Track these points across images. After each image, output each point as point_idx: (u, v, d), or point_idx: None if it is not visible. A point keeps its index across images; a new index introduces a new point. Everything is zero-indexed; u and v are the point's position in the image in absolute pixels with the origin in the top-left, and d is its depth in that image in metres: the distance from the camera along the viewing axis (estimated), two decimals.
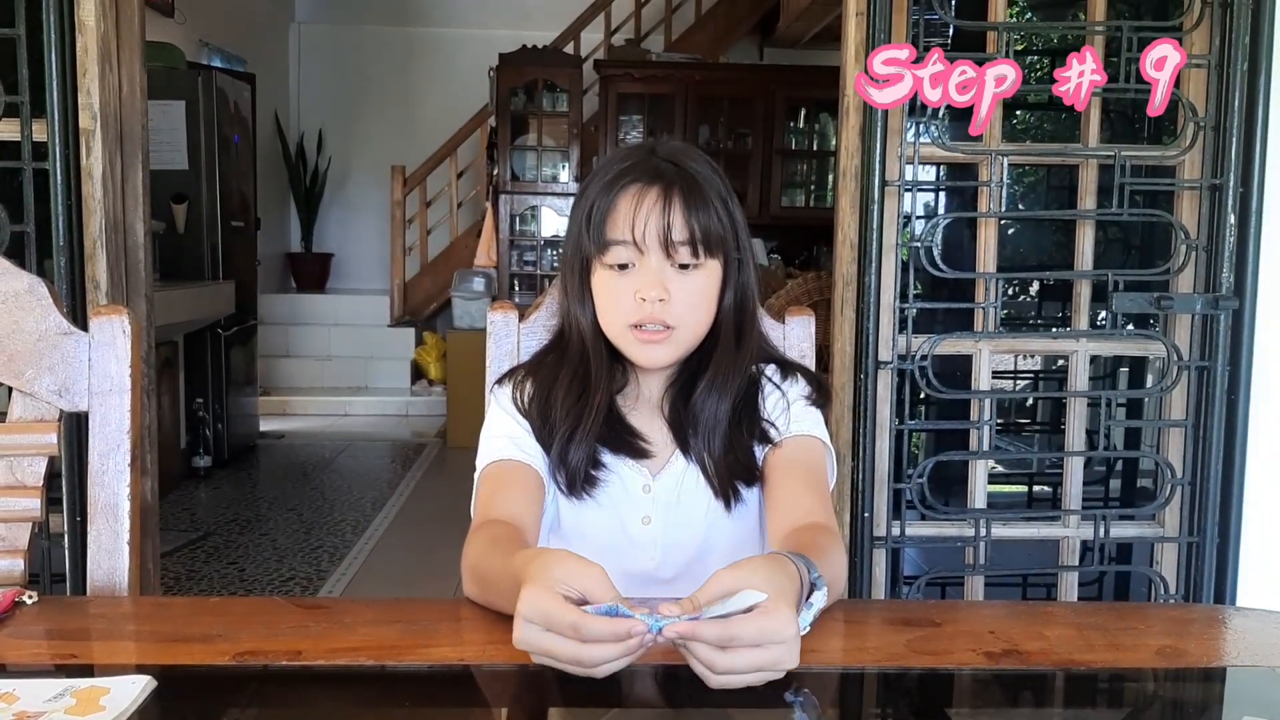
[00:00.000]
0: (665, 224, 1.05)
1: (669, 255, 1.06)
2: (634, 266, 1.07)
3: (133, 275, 1.91)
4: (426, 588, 3.24)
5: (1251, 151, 1.75)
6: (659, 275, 1.06)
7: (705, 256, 1.07)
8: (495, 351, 1.25)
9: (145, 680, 0.77)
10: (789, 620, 0.73)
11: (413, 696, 0.79)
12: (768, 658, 0.73)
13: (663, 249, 1.06)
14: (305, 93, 7.46)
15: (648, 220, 1.05)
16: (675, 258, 1.06)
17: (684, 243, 1.06)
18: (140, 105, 1.90)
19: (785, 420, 1.12)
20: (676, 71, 6.34)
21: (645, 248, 1.06)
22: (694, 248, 1.06)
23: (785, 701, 0.73)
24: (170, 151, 4.47)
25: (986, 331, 1.84)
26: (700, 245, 1.06)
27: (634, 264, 1.07)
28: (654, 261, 1.06)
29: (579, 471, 1.10)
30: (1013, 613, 0.98)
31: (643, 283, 1.06)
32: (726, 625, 0.72)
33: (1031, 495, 2.82)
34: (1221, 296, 1.78)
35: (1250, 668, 0.86)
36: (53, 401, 1.06)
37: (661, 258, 1.06)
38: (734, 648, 0.72)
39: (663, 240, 1.05)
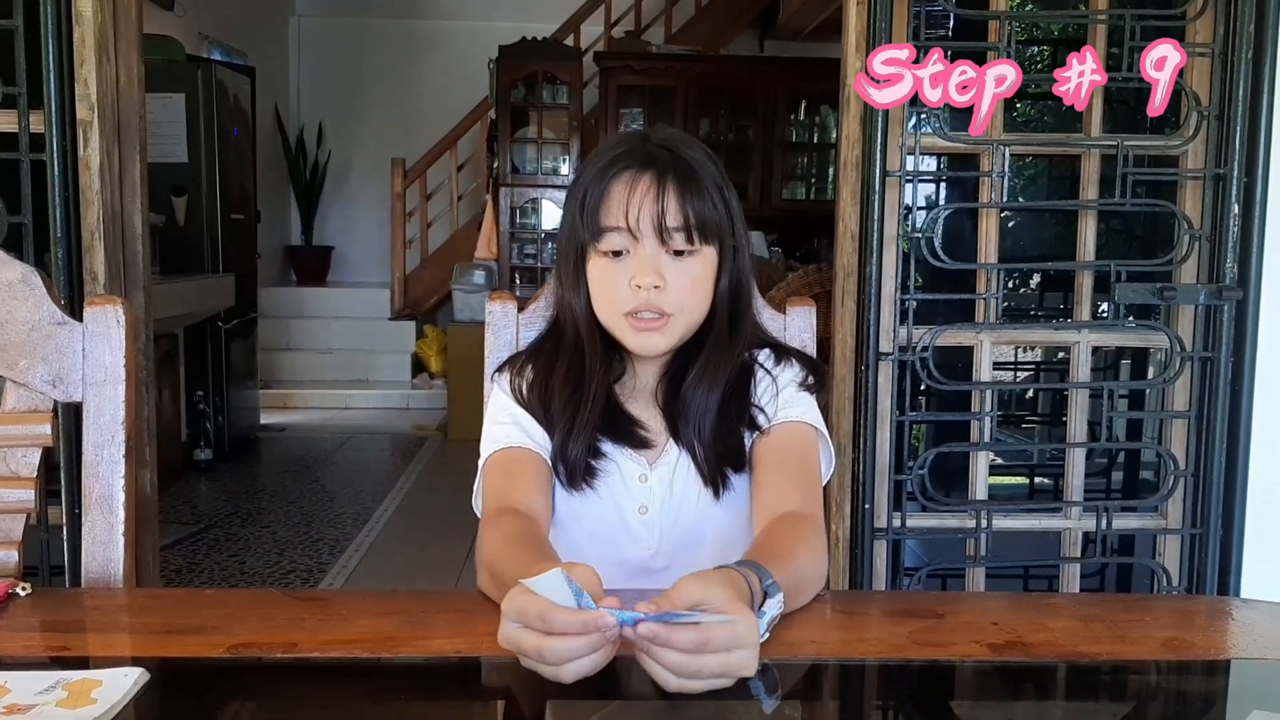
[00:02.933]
0: (659, 210, 1.04)
1: (663, 242, 1.05)
2: (628, 254, 1.06)
3: (131, 267, 1.90)
4: (427, 581, 3.23)
5: (1256, 141, 1.74)
6: (654, 262, 1.05)
7: (700, 243, 1.07)
8: (494, 342, 1.24)
9: (138, 673, 0.76)
10: (754, 627, 0.73)
11: (409, 689, 0.78)
12: (732, 662, 0.72)
13: (657, 235, 1.05)
14: (305, 86, 7.45)
15: (641, 206, 1.04)
16: (670, 244, 1.05)
17: (678, 229, 1.05)
18: (138, 96, 1.89)
19: (774, 406, 1.11)
20: (677, 64, 6.32)
21: (639, 234, 1.05)
22: (688, 234, 1.05)
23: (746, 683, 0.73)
24: (170, 144, 4.46)
25: (988, 323, 1.83)
26: (695, 231, 1.05)
27: (628, 251, 1.06)
28: (648, 248, 1.05)
29: (579, 464, 1.09)
30: (1016, 604, 0.97)
31: (637, 270, 1.05)
32: (701, 631, 0.71)
33: (1033, 487, 2.81)
34: (1225, 287, 1.77)
35: (1258, 660, 0.85)
36: (47, 392, 1.05)
37: (656, 244, 1.05)
38: (703, 653, 0.71)
39: (657, 226, 1.04)
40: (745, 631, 0.72)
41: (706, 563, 1.09)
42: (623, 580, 1.07)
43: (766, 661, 0.74)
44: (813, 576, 0.94)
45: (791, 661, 0.82)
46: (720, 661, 0.71)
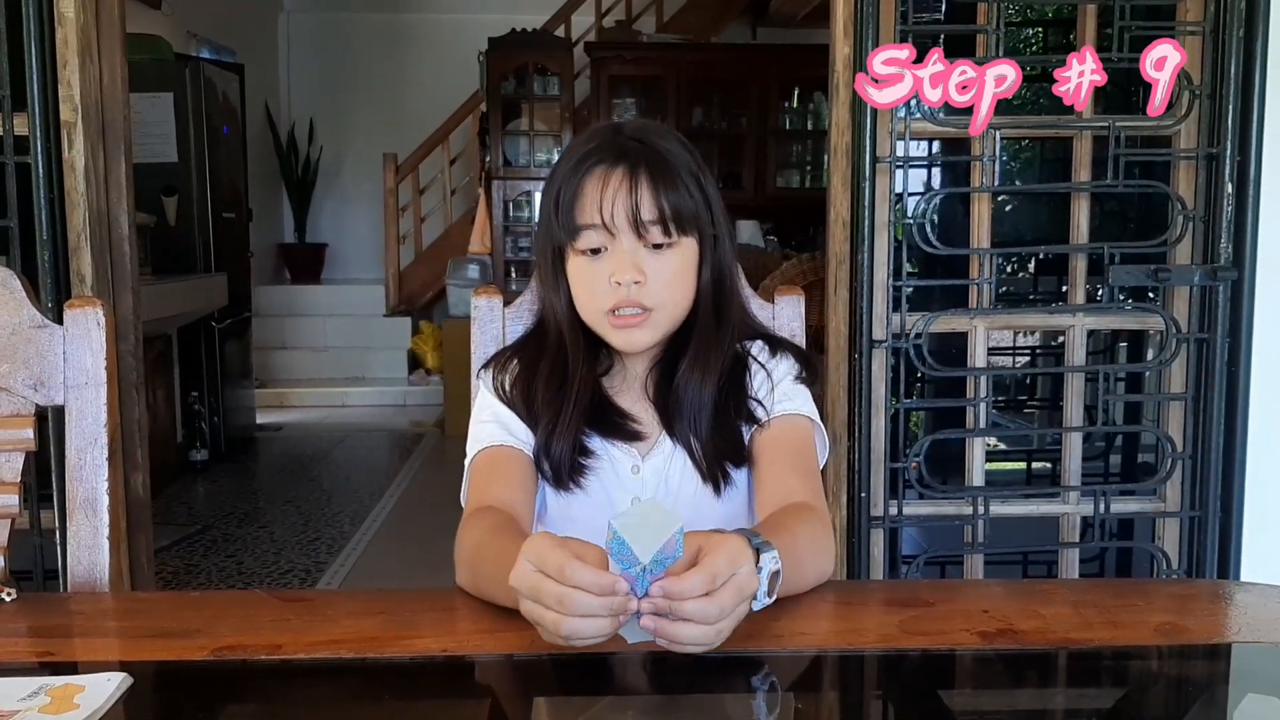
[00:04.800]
0: (633, 204, 1.03)
1: (640, 236, 1.04)
2: (606, 251, 1.05)
3: (118, 269, 1.89)
4: (425, 578, 3.22)
5: (1249, 119, 1.73)
6: (632, 257, 1.04)
7: (678, 234, 1.05)
8: (480, 337, 1.23)
9: (121, 677, 0.75)
10: (739, 542, 0.75)
11: (394, 689, 0.77)
12: (743, 584, 0.73)
13: (633, 230, 1.04)
14: (295, 82, 7.42)
15: (615, 201, 1.03)
16: (647, 238, 1.04)
17: (654, 222, 1.04)
18: (122, 97, 1.87)
19: (771, 400, 1.10)
20: (668, 53, 6.31)
21: (616, 230, 1.04)
22: (665, 226, 1.04)
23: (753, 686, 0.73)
24: (159, 144, 4.43)
25: (981, 308, 1.82)
26: (671, 223, 1.04)
27: (606, 248, 1.05)
28: (626, 244, 1.04)
29: (563, 463, 1.08)
30: (1008, 591, 0.97)
31: (616, 266, 1.04)
32: (703, 565, 0.72)
33: (1030, 472, 2.80)
34: (1220, 267, 1.76)
35: (1254, 644, 0.84)
36: (28, 396, 1.04)
37: (633, 239, 1.04)
38: (716, 589, 0.72)
39: (632, 221, 1.03)
40: (736, 548, 0.74)
41: None
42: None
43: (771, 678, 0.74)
44: (814, 557, 0.93)
45: (781, 653, 0.81)
46: (733, 589, 0.72)
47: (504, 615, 0.83)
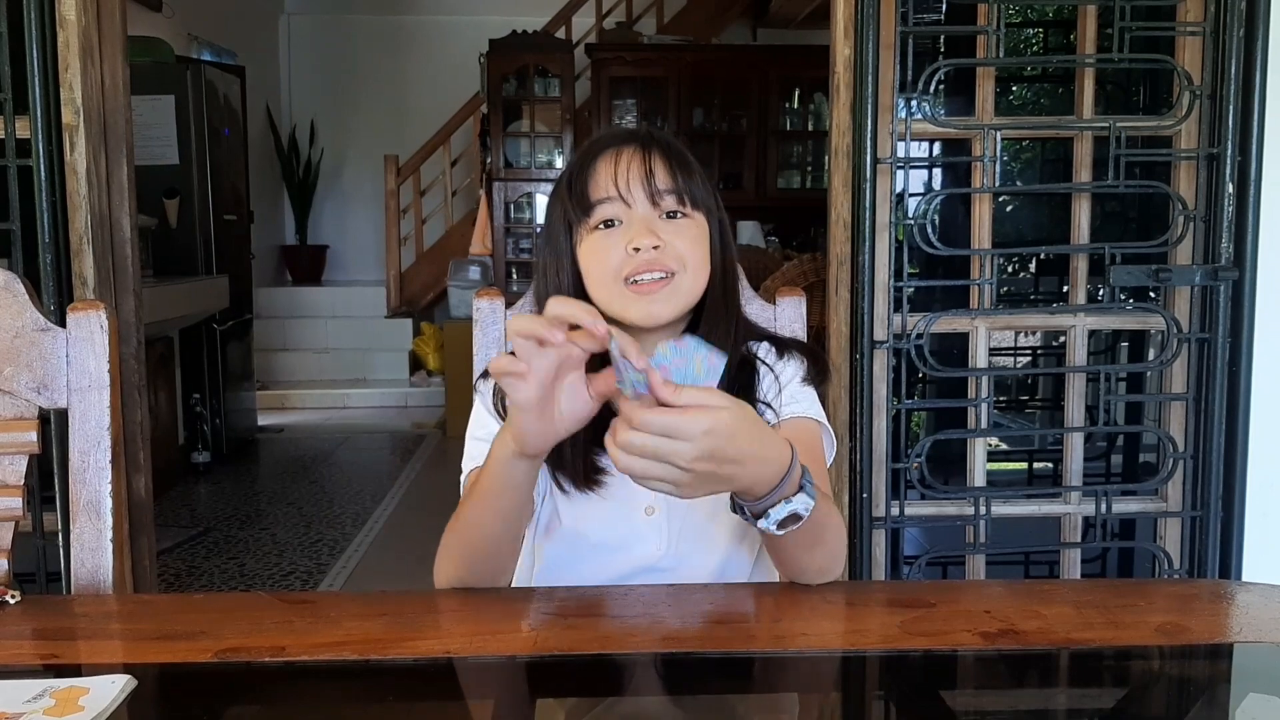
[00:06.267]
0: (647, 172, 1.02)
1: (655, 204, 1.03)
2: (621, 223, 1.03)
3: (120, 271, 1.89)
4: (428, 580, 3.17)
5: (1249, 120, 1.73)
6: (649, 223, 1.02)
7: (691, 208, 1.05)
8: (482, 339, 1.23)
9: (125, 680, 0.76)
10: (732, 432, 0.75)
11: (398, 691, 0.77)
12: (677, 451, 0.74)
13: (649, 198, 1.03)
14: (296, 84, 7.43)
15: (630, 172, 1.03)
16: (662, 206, 1.03)
17: (669, 190, 1.03)
18: (124, 100, 1.88)
19: (779, 403, 1.10)
20: (669, 54, 6.31)
21: (631, 200, 1.03)
22: (679, 195, 1.03)
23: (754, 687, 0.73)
24: (161, 146, 4.44)
25: (983, 308, 1.82)
26: (685, 195, 1.04)
27: (620, 220, 1.03)
28: (641, 210, 1.03)
29: (578, 472, 1.06)
30: (1010, 592, 0.96)
31: (634, 232, 1.02)
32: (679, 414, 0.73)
33: (1032, 473, 2.80)
34: (1221, 267, 1.76)
35: (1256, 644, 0.84)
36: (31, 399, 1.05)
37: (648, 206, 1.03)
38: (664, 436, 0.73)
39: (647, 190, 1.02)
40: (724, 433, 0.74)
41: (718, 561, 1.08)
42: (632, 581, 1.05)
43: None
44: (832, 534, 0.93)
45: (782, 653, 0.81)
46: (668, 448, 0.73)
47: (507, 617, 0.83)
